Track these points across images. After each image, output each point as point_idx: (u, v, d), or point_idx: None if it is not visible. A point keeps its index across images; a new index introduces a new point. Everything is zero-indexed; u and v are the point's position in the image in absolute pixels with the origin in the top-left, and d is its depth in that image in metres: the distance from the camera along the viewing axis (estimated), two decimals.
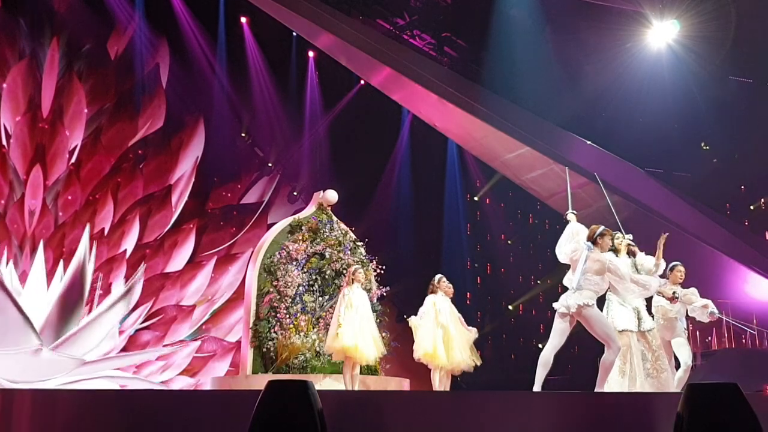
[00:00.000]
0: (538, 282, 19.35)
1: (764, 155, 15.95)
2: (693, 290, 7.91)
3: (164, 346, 14.25)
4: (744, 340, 15.30)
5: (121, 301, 12.04)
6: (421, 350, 8.47)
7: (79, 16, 14.79)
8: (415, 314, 8.79)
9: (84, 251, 11.82)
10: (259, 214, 15.99)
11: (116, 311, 12.05)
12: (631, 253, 8.03)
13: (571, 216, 7.70)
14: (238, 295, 14.58)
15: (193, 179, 15.16)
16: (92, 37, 14.95)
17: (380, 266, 10.79)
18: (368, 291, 9.71)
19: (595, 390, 7.03)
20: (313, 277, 10.39)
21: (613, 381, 7.30)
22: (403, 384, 10.15)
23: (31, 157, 13.83)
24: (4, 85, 13.77)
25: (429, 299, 8.70)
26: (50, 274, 13.46)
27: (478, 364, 8.74)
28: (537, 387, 6.96)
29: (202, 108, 15.83)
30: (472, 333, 8.82)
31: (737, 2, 14.20)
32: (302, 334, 9.98)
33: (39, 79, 14.16)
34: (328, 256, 10.48)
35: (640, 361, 7.30)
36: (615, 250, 7.77)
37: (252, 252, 14.26)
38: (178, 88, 15.63)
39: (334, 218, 11.01)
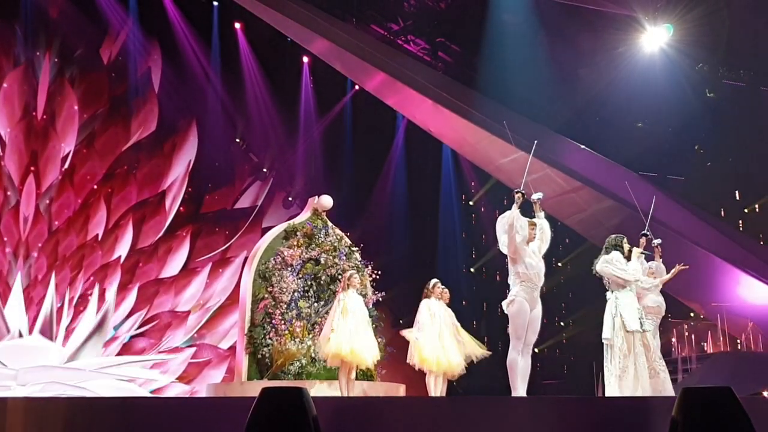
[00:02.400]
0: None
1: (758, 158, 16.00)
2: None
3: (159, 352, 14.22)
4: (739, 344, 15.32)
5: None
6: (416, 355, 8.47)
7: (72, 21, 14.78)
8: (412, 320, 8.78)
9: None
10: (253, 218, 15.99)
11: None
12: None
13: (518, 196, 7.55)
14: (232, 301, 14.56)
15: (186, 183, 15.15)
16: (85, 42, 14.94)
17: (376, 271, 10.77)
18: (364, 296, 9.69)
19: (512, 392, 7.12)
20: (309, 283, 10.37)
21: (624, 382, 7.34)
22: (399, 389, 10.13)
23: (26, 164, 13.81)
24: (1, 91, 13.74)
25: (423, 304, 8.71)
26: (42, 282, 13.45)
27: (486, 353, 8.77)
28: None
29: (195, 113, 15.81)
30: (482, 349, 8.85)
31: (730, 7, 14.25)
32: (297, 340, 9.97)
33: (35, 86, 14.16)
34: (323, 262, 10.47)
35: (644, 361, 7.37)
36: (627, 257, 7.83)
37: (245, 256, 14.31)
38: (172, 93, 15.61)
39: (329, 223, 11.00)
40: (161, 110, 15.18)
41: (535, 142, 8.56)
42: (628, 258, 7.83)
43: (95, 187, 14.43)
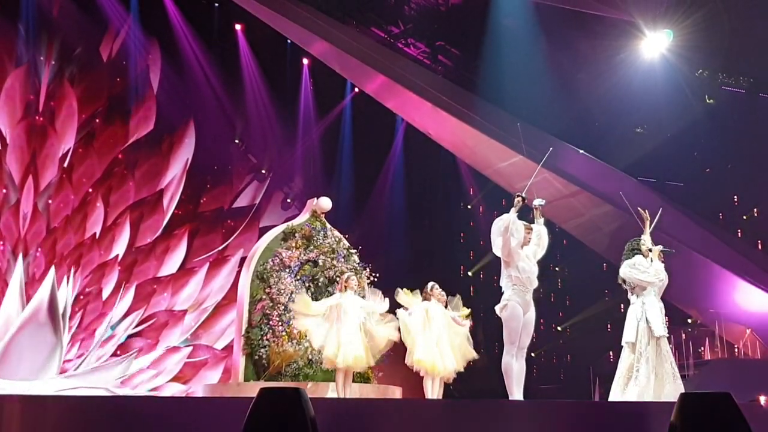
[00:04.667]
0: None
1: (756, 165, 16.03)
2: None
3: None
4: (736, 351, 15.33)
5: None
6: (414, 358, 8.45)
7: (72, 19, 14.76)
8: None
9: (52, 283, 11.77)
10: (251, 217, 15.97)
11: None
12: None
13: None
14: (229, 300, 14.53)
15: (183, 182, 15.12)
16: (84, 40, 14.92)
17: (374, 274, 10.76)
18: (362, 298, 9.66)
19: (509, 396, 7.11)
20: (306, 285, 10.35)
21: (643, 387, 7.34)
22: (396, 392, 10.12)
23: (27, 163, 13.80)
24: (2, 91, 13.71)
25: (422, 306, 8.68)
26: (40, 280, 13.41)
27: (475, 356, 8.72)
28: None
29: (194, 112, 15.80)
30: (465, 326, 8.79)
31: (729, 13, 14.29)
32: (295, 341, 9.95)
33: (37, 85, 14.15)
34: (321, 264, 10.46)
35: (669, 366, 7.39)
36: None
37: (242, 255, 14.30)
38: (171, 93, 15.59)
39: (328, 225, 10.98)
40: (160, 110, 15.16)
41: (550, 149, 8.56)
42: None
43: (93, 185, 14.39)
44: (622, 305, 11.84)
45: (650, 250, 7.86)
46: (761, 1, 14.34)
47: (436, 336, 8.44)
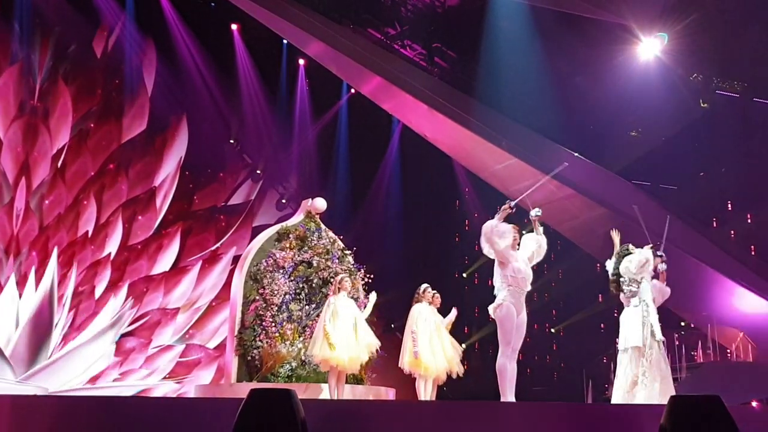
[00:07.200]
0: None
1: (751, 169, 16.06)
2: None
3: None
4: (729, 354, 15.36)
5: (110, 330, 12.16)
6: (405, 359, 8.47)
7: (67, 17, 14.75)
8: (403, 324, 8.79)
9: (52, 277, 11.81)
10: (245, 216, 15.98)
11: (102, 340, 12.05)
12: None
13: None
14: (221, 299, 14.52)
15: (177, 180, 15.12)
16: (79, 38, 14.92)
17: (368, 275, 10.75)
18: (355, 300, 9.66)
19: (501, 398, 7.10)
20: (300, 286, 10.33)
21: (648, 390, 7.36)
22: (389, 393, 10.11)
23: (22, 161, 13.77)
24: None
25: (414, 309, 8.70)
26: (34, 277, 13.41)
27: (461, 372, 8.74)
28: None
29: (188, 112, 15.79)
30: (457, 348, 8.81)
31: (723, 17, 14.33)
32: (288, 342, 9.93)
33: (31, 83, 14.13)
34: (315, 265, 10.43)
35: (668, 369, 7.46)
36: None
37: (235, 253, 14.30)
38: (166, 92, 15.60)
39: (323, 226, 10.96)
40: (154, 108, 15.17)
41: (565, 164, 8.60)
42: None
43: (86, 183, 14.37)
44: (615, 310, 11.86)
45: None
46: (755, 5, 14.38)
47: (428, 337, 8.45)
